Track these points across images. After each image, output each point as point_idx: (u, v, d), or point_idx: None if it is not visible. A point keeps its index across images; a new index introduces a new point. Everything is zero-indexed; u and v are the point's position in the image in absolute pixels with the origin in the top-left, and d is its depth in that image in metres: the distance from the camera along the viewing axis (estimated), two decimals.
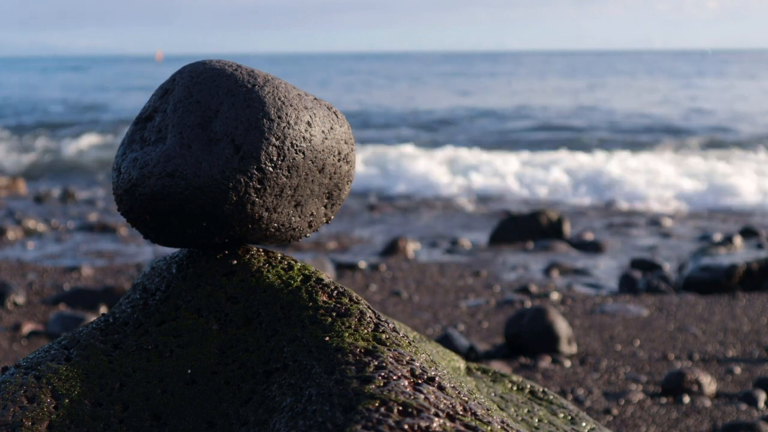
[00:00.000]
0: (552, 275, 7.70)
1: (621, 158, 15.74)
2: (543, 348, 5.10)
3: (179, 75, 1.91)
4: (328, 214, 2.02)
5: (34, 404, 1.75)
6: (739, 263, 7.07)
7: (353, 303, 1.87)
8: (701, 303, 6.47)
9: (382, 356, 1.70)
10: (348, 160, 1.99)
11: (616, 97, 32.87)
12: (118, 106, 30.06)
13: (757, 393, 4.31)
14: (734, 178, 13.56)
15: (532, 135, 21.16)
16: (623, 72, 58.40)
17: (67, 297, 6.48)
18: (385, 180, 14.08)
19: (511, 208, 12.27)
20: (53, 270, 7.76)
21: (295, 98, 1.89)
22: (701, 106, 27.57)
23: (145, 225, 1.91)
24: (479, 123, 24.22)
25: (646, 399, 4.36)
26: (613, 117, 25.18)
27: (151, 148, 1.87)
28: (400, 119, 25.27)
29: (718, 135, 20.10)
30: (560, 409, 2.22)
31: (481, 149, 17.61)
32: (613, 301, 6.56)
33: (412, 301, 6.64)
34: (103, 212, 11.99)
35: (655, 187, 13.15)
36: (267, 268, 1.95)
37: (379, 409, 1.52)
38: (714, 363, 4.97)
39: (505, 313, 6.17)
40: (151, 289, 1.99)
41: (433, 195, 13.73)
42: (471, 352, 5.02)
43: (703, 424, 4.04)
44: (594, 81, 45.68)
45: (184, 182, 1.81)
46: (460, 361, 2.37)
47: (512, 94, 34.96)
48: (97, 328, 1.94)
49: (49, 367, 1.83)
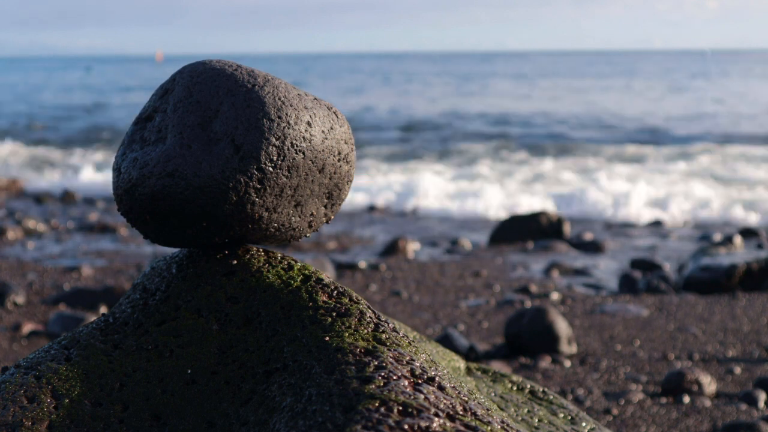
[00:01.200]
0: (552, 275, 7.69)
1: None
2: (543, 348, 5.10)
3: (179, 75, 1.91)
4: (328, 214, 2.02)
5: (34, 404, 1.75)
6: (739, 263, 7.07)
7: (353, 303, 1.87)
8: (701, 303, 6.47)
9: (382, 356, 1.70)
10: (348, 160, 1.99)
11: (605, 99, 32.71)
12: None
13: (757, 393, 4.31)
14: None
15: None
16: (608, 74, 58.57)
17: (67, 297, 6.48)
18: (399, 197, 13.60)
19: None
20: (53, 270, 7.76)
21: (295, 98, 1.89)
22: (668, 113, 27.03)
23: (145, 225, 1.91)
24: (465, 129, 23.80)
25: (646, 399, 4.36)
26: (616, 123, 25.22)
27: (151, 148, 1.87)
28: (388, 122, 25.10)
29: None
30: (560, 409, 2.22)
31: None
32: (613, 301, 6.56)
33: (412, 301, 6.64)
34: (103, 212, 12.00)
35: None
36: (267, 268, 1.95)
37: (379, 409, 1.52)
38: (714, 363, 4.97)
39: (505, 313, 6.17)
40: (151, 289, 1.99)
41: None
42: (471, 352, 5.02)
43: (703, 424, 4.04)
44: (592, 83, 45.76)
45: (184, 182, 1.81)
46: (460, 361, 2.37)
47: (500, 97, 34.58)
48: (97, 328, 1.94)
49: (49, 367, 1.83)
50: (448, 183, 14.16)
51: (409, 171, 15.88)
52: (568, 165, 16.38)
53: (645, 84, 44.03)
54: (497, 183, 14.16)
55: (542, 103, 31.35)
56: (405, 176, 15.08)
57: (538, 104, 30.90)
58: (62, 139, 21.60)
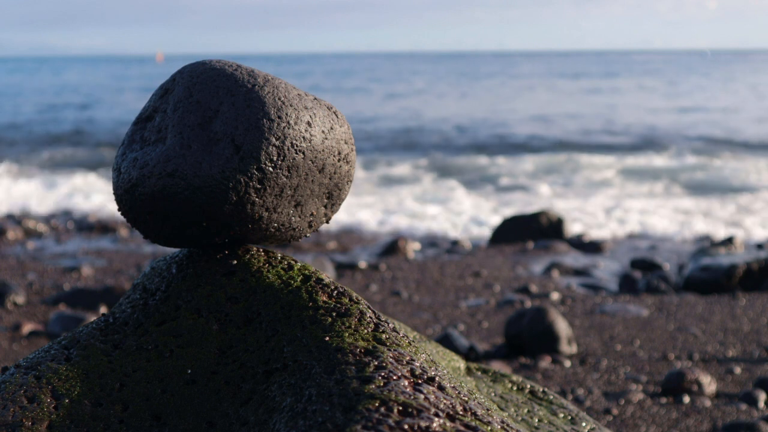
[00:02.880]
0: (552, 275, 7.69)
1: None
2: (543, 348, 5.10)
3: (179, 75, 1.91)
4: (328, 214, 2.02)
5: (34, 404, 1.75)
6: (739, 263, 7.07)
7: (353, 303, 1.87)
8: (701, 303, 6.47)
9: (382, 356, 1.70)
10: (348, 160, 1.99)
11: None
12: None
13: (757, 393, 4.31)
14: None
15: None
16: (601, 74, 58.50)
17: (67, 297, 6.48)
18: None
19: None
20: (53, 270, 7.76)
21: (295, 98, 1.89)
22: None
23: (145, 225, 1.91)
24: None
25: (646, 399, 4.36)
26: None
27: (151, 148, 1.87)
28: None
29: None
30: (560, 409, 2.22)
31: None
32: (613, 301, 6.56)
33: (412, 301, 6.64)
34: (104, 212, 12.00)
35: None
36: (267, 268, 1.95)
37: (379, 409, 1.52)
38: (714, 363, 4.97)
39: (505, 313, 6.17)
40: (151, 289, 1.99)
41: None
42: (471, 352, 5.02)
43: (703, 424, 4.04)
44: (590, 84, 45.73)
45: (184, 182, 1.81)
46: (460, 361, 2.37)
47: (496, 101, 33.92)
48: (97, 328, 1.94)
49: (49, 367, 1.83)
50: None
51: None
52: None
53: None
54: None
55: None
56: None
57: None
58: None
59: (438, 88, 44.24)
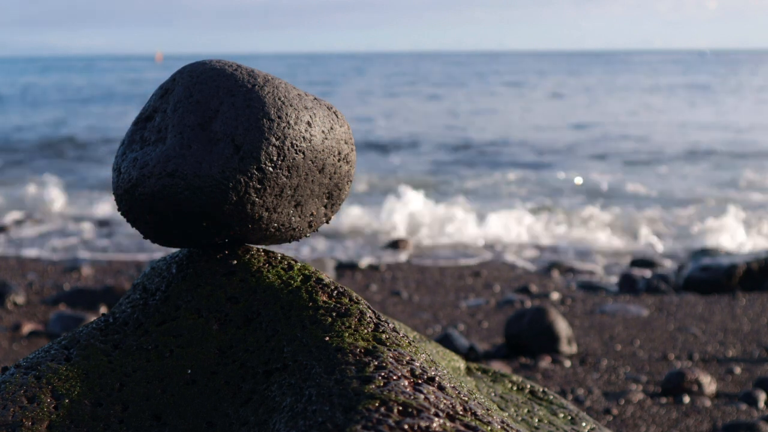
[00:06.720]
0: (552, 275, 7.69)
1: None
2: (543, 348, 5.10)
3: (179, 75, 1.91)
4: (328, 214, 2.02)
5: (34, 404, 1.75)
6: (739, 263, 7.07)
7: (353, 303, 1.87)
8: (701, 303, 6.47)
9: (382, 356, 1.70)
10: (348, 160, 1.99)
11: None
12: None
13: (757, 393, 4.31)
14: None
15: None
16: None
17: (67, 297, 6.48)
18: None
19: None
20: (53, 270, 7.76)
21: (295, 98, 1.89)
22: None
23: (145, 225, 1.91)
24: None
25: (646, 399, 4.36)
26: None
27: (151, 148, 1.87)
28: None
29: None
30: (560, 409, 2.22)
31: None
32: (613, 301, 6.56)
33: (412, 301, 6.64)
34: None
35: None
36: (267, 268, 1.95)
37: (379, 409, 1.52)
38: (714, 363, 4.97)
39: (505, 313, 6.17)
40: (151, 289, 1.99)
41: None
42: (471, 352, 5.02)
43: (703, 424, 4.04)
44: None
45: (184, 182, 1.81)
46: (460, 361, 2.37)
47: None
48: (97, 328, 1.94)
49: (49, 367, 1.83)
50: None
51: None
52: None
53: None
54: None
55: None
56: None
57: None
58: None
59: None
